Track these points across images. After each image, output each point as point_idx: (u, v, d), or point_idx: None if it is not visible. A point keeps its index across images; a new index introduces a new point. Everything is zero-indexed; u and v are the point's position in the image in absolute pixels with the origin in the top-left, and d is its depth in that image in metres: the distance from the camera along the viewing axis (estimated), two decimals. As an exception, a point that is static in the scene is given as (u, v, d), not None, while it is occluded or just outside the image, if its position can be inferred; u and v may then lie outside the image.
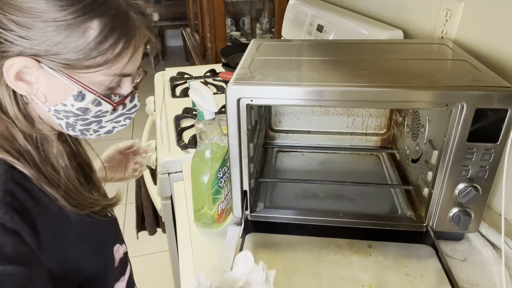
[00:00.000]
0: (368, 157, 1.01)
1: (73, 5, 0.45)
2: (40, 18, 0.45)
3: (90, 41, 0.47)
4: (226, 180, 0.77)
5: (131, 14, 0.50)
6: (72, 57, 0.47)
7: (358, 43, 0.91)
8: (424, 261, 0.70)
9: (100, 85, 0.51)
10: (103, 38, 0.47)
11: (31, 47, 0.46)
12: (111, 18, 0.48)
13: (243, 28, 2.78)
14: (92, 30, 0.47)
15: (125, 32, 0.49)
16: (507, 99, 0.59)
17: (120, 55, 0.50)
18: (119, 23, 0.49)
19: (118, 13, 0.48)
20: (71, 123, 0.54)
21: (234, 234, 0.76)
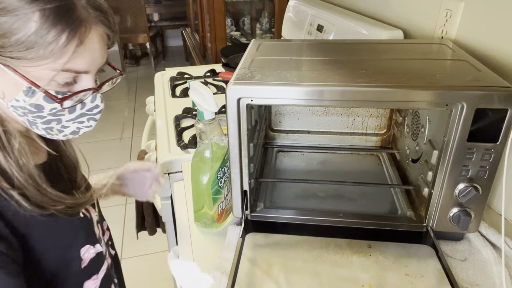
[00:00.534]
0: (368, 157, 1.01)
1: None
2: None
3: (31, 33, 0.46)
4: (226, 180, 0.77)
5: (78, 6, 0.49)
6: (16, 49, 0.47)
7: (358, 43, 0.91)
8: (424, 261, 0.70)
9: (51, 81, 0.51)
10: (45, 30, 0.47)
11: None
12: (53, 10, 0.47)
13: (243, 28, 2.78)
14: (34, 22, 0.46)
15: (69, 24, 0.48)
16: (507, 99, 0.59)
17: (64, 48, 0.49)
18: (62, 15, 0.48)
19: (61, 5, 0.48)
20: (31, 120, 0.54)
21: (234, 234, 0.77)
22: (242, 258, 0.69)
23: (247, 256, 0.71)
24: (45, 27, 0.47)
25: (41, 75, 0.50)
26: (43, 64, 0.49)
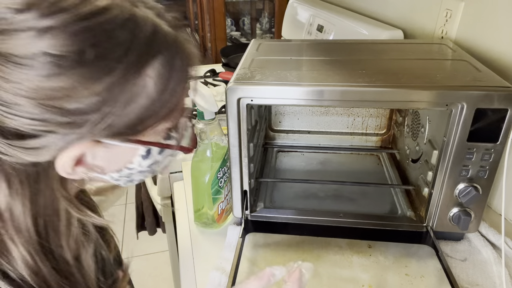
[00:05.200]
0: (368, 157, 1.01)
1: (122, 60, 0.34)
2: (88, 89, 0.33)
3: (151, 93, 0.36)
4: (226, 180, 0.77)
5: (181, 38, 0.39)
6: (134, 119, 0.36)
7: (358, 43, 0.91)
8: (424, 261, 0.70)
9: (164, 130, 0.42)
10: (166, 81, 0.37)
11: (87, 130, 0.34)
12: (166, 53, 0.37)
13: (243, 28, 2.78)
14: (150, 78, 0.36)
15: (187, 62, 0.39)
16: (507, 99, 0.59)
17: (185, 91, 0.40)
18: (177, 55, 0.38)
19: (170, 45, 0.37)
20: (133, 178, 0.45)
21: (234, 234, 0.77)
22: (242, 258, 0.69)
23: (247, 256, 0.71)
24: (164, 79, 0.37)
25: (158, 129, 0.41)
26: (164, 121, 0.40)
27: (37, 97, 0.31)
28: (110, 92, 0.33)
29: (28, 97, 0.31)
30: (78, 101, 0.32)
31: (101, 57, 0.32)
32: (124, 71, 0.34)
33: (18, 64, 0.30)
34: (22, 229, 0.37)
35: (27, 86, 0.31)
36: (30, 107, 0.31)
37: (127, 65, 0.34)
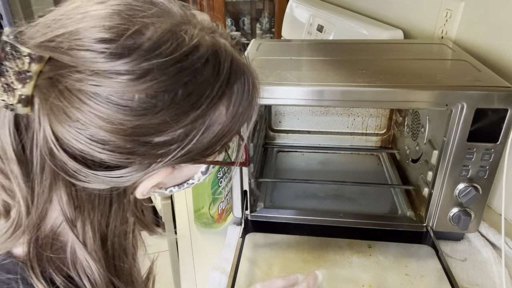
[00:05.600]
0: (368, 157, 1.01)
1: (207, 95, 0.35)
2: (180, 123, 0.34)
3: (224, 120, 0.37)
4: (226, 180, 0.77)
5: (246, 62, 0.40)
6: (207, 144, 0.37)
7: (358, 43, 0.91)
8: (424, 261, 0.70)
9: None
10: (237, 107, 0.38)
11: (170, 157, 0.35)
12: (240, 81, 0.38)
13: (243, 28, 2.77)
14: (224, 106, 0.37)
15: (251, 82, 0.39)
16: (507, 99, 0.59)
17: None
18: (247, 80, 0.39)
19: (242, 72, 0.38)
20: (184, 189, 0.47)
21: (234, 234, 0.77)
22: (242, 258, 0.69)
23: (247, 256, 0.71)
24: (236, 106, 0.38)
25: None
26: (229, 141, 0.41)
27: (131, 134, 0.32)
28: (193, 124, 0.35)
29: (123, 134, 0.32)
30: (166, 135, 0.34)
31: (190, 94, 0.33)
32: (208, 105, 0.35)
33: (116, 105, 0.31)
34: (90, 251, 0.38)
35: (123, 125, 0.32)
36: (123, 143, 0.32)
37: (212, 98, 0.35)
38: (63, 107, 0.30)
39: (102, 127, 0.31)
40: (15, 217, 0.36)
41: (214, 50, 0.35)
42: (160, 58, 0.31)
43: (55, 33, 0.31)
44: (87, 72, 0.30)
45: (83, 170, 0.33)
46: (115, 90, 0.31)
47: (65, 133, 0.31)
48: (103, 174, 0.34)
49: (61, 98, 0.30)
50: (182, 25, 0.34)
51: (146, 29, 0.32)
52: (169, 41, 0.32)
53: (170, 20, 0.34)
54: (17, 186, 0.33)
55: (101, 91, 0.30)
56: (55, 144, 0.32)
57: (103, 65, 0.30)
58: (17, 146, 0.33)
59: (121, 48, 0.30)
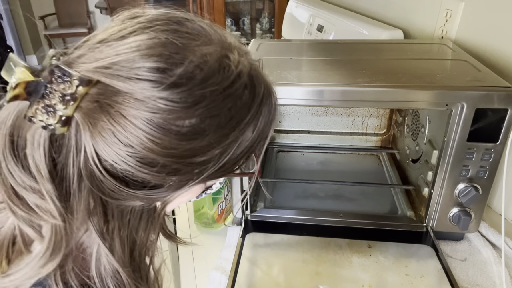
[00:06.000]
0: (368, 157, 1.01)
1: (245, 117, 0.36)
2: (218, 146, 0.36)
3: (251, 136, 0.38)
4: (226, 180, 0.77)
5: (268, 80, 0.41)
6: (235, 160, 0.39)
7: (358, 43, 0.91)
8: (424, 261, 0.70)
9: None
10: (263, 124, 0.39)
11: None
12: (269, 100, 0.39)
13: (243, 28, 2.77)
14: (253, 125, 0.38)
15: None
16: (507, 99, 0.59)
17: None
18: (271, 97, 0.40)
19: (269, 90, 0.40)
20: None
21: (234, 234, 0.77)
22: (242, 258, 0.69)
23: (247, 256, 0.71)
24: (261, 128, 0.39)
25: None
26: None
27: (180, 156, 0.34)
28: (230, 144, 0.37)
29: (173, 157, 0.33)
30: (207, 155, 0.35)
31: (232, 118, 0.35)
32: (244, 126, 0.37)
33: (169, 131, 0.32)
34: (117, 259, 0.39)
35: (175, 149, 0.33)
36: (171, 164, 0.34)
37: (247, 120, 0.37)
38: (113, 131, 0.31)
39: (154, 151, 0.32)
40: (51, 238, 0.35)
41: (251, 74, 0.37)
42: (212, 87, 0.33)
43: (111, 59, 0.32)
44: (142, 99, 0.31)
45: (123, 189, 0.34)
46: (169, 117, 0.32)
47: (112, 155, 0.32)
48: (142, 193, 0.35)
49: (112, 122, 0.31)
50: (227, 52, 0.36)
51: (198, 58, 0.33)
52: (219, 70, 0.34)
53: (217, 48, 0.35)
54: (53, 205, 0.33)
55: (155, 118, 0.32)
56: (97, 164, 0.32)
57: (159, 94, 0.31)
58: (51, 165, 0.33)
59: (176, 78, 0.32)
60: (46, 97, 0.31)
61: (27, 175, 0.33)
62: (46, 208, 0.34)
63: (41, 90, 0.31)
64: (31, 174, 0.33)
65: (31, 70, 0.31)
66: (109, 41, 0.33)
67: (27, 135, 0.33)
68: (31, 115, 0.31)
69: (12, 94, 0.31)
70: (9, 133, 0.33)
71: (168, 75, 0.32)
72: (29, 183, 0.33)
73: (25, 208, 0.34)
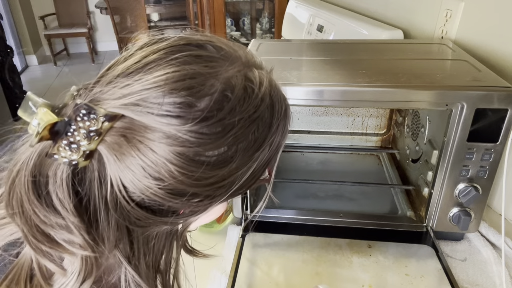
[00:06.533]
0: (368, 157, 1.01)
1: (267, 137, 0.37)
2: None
3: (268, 152, 0.39)
4: (226, 180, 0.77)
5: (283, 94, 0.42)
6: (253, 175, 0.39)
7: (358, 43, 0.91)
8: (424, 261, 0.70)
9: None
10: (280, 138, 0.40)
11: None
12: (286, 115, 0.40)
13: (243, 28, 2.78)
14: (269, 146, 0.39)
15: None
16: (507, 99, 0.59)
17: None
18: (287, 110, 0.41)
19: (286, 105, 0.41)
20: None
21: (234, 234, 0.77)
22: (242, 258, 0.69)
23: (247, 256, 0.71)
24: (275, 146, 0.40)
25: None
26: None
27: (210, 184, 0.34)
28: (253, 163, 0.37)
29: (203, 186, 0.34)
30: (232, 177, 0.36)
31: (257, 140, 0.36)
32: (267, 145, 0.38)
33: (198, 161, 0.33)
34: (144, 280, 0.39)
35: (205, 179, 0.33)
36: (200, 191, 0.34)
37: (269, 139, 0.38)
38: (143, 165, 0.31)
39: (184, 182, 0.32)
40: (81, 268, 0.35)
41: (271, 94, 0.37)
42: (239, 115, 0.34)
43: (139, 96, 0.31)
44: (172, 134, 0.31)
45: (150, 218, 0.34)
46: (199, 149, 0.32)
47: (141, 188, 0.32)
48: (169, 220, 0.36)
49: (141, 156, 0.31)
50: (248, 71, 0.36)
51: (224, 85, 0.33)
52: (244, 97, 0.34)
53: (240, 68, 0.36)
54: (82, 238, 0.33)
55: (186, 151, 0.32)
56: (124, 196, 0.32)
57: (189, 128, 0.31)
58: (76, 199, 0.32)
59: (206, 111, 0.32)
60: (70, 134, 0.30)
61: (52, 212, 0.32)
62: (75, 241, 0.33)
63: (65, 129, 0.30)
64: (56, 211, 0.32)
65: (52, 108, 0.31)
66: (132, 72, 0.33)
67: (48, 172, 0.32)
68: (53, 153, 0.31)
69: (38, 138, 0.30)
70: (31, 174, 0.32)
71: (198, 109, 0.32)
72: (55, 220, 0.32)
73: (51, 244, 0.33)
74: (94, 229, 0.34)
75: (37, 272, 0.37)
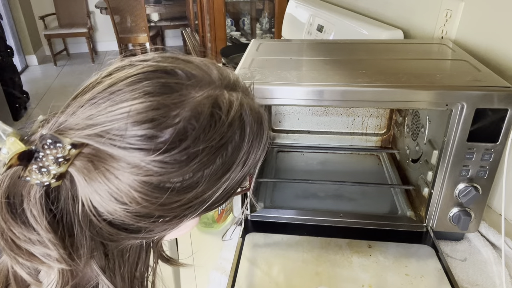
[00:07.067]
0: (368, 157, 1.01)
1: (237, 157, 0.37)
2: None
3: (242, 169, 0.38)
4: (226, 180, 0.77)
5: (259, 112, 0.40)
6: (228, 190, 0.38)
7: (358, 43, 0.91)
8: (424, 261, 0.70)
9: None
10: (255, 153, 0.39)
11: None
12: (260, 131, 0.39)
13: (243, 28, 2.78)
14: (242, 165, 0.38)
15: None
16: (507, 99, 0.59)
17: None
18: (262, 125, 0.40)
19: (260, 120, 0.39)
20: None
21: (234, 234, 0.76)
22: (242, 258, 0.69)
23: (247, 256, 0.71)
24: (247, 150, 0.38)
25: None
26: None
27: (176, 207, 0.35)
28: (224, 183, 0.37)
29: (168, 209, 0.34)
30: (201, 198, 0.36)
31: (225, 163, 0.36)
32: (238, 165, 0.37)
33: (162, 188, 0.33)
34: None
35: (171, 204, 0.34)
36: (166, 214, 0.35)
37: (240, 160, 0.37)
38: (109, 191, 0.32)
39: (149, 207, 0.33)
40: (58, 281, 0.36)
41: (241, 116, 0.37)
42: (204, 144, 0.33)
43: (103, 127, 0.32)
44: (136, 165, 0.32)
45: (122, 234, 0.35)
46: (162, 177, 0.32)
47: (109, 209, 0.33)
48: (140, 236, 0.37)
49: (107, 182, 0.32)
50: (218, 95, 0.35)
51: (189, 113, 0.33)
52: (211, 124, 0.34)
53: (209, 92, 0.35)
54: (57, 252, 0.34)
55: (149, 179, 0.32)
56: (95, 215, 0.33)
57: (153, 158, 0.32)
58: (50, 216, 0.33)
59: (169, 143, 0.32)
60: (40, 160, 0.31)
61: (27, 228, 0.33)
62: (51, 255, 0.34)
63: (34, 156, 0.31)
64: (32, 227, 0.33)
65: (20, 137, 0.32)
66: (98, 101, 0.33)
67: (22, 191, 0.33)
68: (25, 175, 0.32)
69: (7, 166, 0.31)
70: (4, 196, 0.33)
71: (161, 142, 0.32)
72: (29, 236, 0.33)
73: (28, 257, 0.34)
74: (69, 244, 0.35)
75: (12, 282, 0.38)
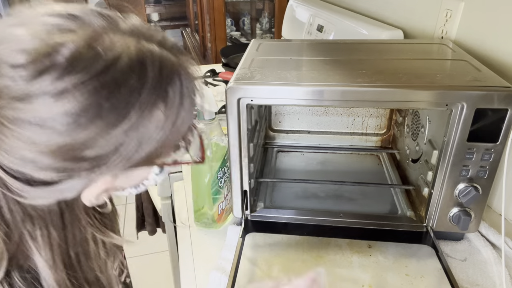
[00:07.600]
0: (368, 157, 1.01)
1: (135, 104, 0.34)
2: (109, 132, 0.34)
3: (164, 125, 0.37)
4: (226, 180, 0.77)
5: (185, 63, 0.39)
6: (150, 151, 0.37)
7: (358, 43, 0.91)
8: (424, 261, 0.70)
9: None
10: (177, 110, 0.37)
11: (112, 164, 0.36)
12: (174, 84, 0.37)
13: (243, 28, 2.78)
14: (162, 112, 0.36)
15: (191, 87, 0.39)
16: (507, 99, 0.59)
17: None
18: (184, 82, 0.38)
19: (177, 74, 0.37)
20: (147, 187, 0.47)
21: (234, 234, 0.76)
22: (242, 258, 0.69)
23: (247, 256, 0.71)
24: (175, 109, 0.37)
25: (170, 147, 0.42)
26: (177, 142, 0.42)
27: (60, 152, 0.33)
28: (127, 134, 0.35)
29: (52, 154, 0.33)
30: (98, 149, 0.34)
31: (116, 106, 0.33)
32: (139, 113, 0.34)
33: (39, 127, 0.32)
34: (46, 259, 0.41)
35: (50, 145, 0.33)
36: (53, 161, 0.34)
37: (140, 106, 0.34)
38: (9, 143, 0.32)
39: (30, 150, 0.33)
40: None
41: (138, 57, 0.34)
42: (75, 75, 0.31)
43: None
44: (7, 99, 0.31)
45: (26, 188, 0.35)
46: (35, 113, 0.31)
47: (7, 163, 0.34)
48: (44, 191, 0.36)
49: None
50: (100, 37, 0.34)
51: (62, 47, 0.32)
52: (84, 57, 0.32)
53: (88, 33, 0.33)
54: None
55: (23, 116, 0.31)
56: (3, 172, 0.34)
57: (21, 90, 0.31)
58: None
59: (35, 71, 0.31)
60: None
61: None
62: None
63: None
64: None
65: None
66: None
67: None
68: None
69: None
70: None
71: (28, 69, 0.31)
72: None
73: None
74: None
75: None
